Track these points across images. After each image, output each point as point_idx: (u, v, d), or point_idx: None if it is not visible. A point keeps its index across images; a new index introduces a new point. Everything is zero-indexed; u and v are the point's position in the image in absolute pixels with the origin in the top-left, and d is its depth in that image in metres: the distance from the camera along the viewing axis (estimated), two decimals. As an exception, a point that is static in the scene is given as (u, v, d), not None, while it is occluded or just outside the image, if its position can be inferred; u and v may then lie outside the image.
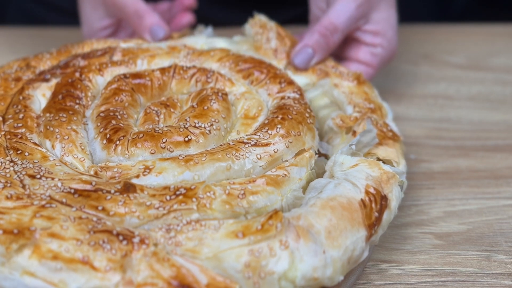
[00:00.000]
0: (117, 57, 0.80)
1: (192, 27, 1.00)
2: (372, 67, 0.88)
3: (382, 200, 0.61)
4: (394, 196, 0.63)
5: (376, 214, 0.60)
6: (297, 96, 0.73)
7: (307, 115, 0.70)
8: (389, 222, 0.62)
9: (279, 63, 0.82)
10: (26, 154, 0.63)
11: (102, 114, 0.69)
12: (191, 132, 0.66)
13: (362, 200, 0.60)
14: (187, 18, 0.99)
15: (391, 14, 0.89)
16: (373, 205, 0.60)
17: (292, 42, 0.85)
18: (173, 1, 1.04)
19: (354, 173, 0.63)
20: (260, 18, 0.87)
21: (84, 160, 0.64)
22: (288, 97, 0.73)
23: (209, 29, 0.91)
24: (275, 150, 0.65)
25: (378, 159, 0.68)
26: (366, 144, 0.68)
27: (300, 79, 0.80)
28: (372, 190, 0.61)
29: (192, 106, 0.71)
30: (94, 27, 0.93)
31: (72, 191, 0.58)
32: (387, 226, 0.62)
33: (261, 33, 0.84)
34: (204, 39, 0.86)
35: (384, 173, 0.64)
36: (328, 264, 0.55)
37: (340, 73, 0.80)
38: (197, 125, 0.67)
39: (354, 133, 0.70)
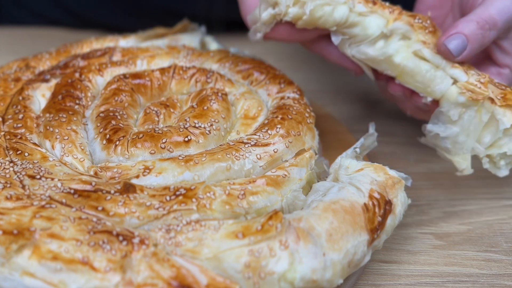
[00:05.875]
0: (116, 57, 0.80)
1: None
2: None
3: (386, 205, 0.61)
4: (399, 202, 0.62)
5: (380, 218, 0.60)
6: (297, 96, 0.73)
7: (306, 115, 0.70)
8: (394, 227, 0.62)
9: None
10: (26, 154, 0.63)
11: (102, 115, 0.69)
12: (191, 132, 0.66)
13: (365, 204, 0.60)
14: None
15: None
16: (377, 209, 0.60)
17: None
18: None
19: (359, 177, 0.63)
20: None
21: (84, 160, 0.64)
22: (288, 97, 0.73)
23: (202, 28, 0.89)
24: (275, 150, 0.65)
25: None
26: (367, 147, 0.68)
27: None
28: (376, 195, 0.61)
29: (192, 106, 0.71)
30: None
31: (72, 191, 0.58)
32: (391, 231, 0.62)
33: None
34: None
35: (389, 178, 0.63)
36: (328, 267, 0.55)
37: (507, 106, 0.70)
38: (197, 125, 0.67)
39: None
